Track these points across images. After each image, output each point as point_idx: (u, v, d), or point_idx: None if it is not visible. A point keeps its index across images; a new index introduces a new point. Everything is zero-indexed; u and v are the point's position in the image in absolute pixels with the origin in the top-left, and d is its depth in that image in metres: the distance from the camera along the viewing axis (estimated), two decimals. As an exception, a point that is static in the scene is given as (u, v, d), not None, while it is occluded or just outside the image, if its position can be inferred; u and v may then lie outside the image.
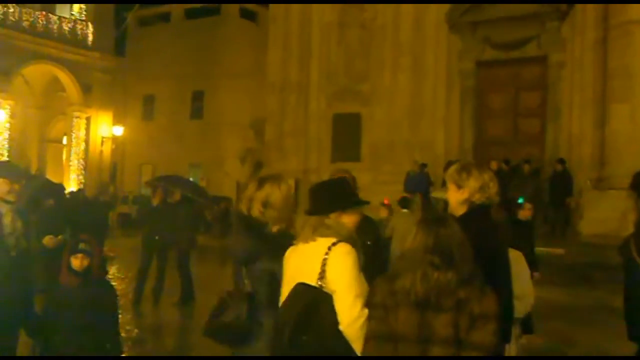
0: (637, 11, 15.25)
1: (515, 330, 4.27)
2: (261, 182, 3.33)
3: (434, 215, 2.84)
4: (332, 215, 2.98)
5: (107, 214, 15.73)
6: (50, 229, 6.15)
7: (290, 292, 2.85)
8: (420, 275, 2.60)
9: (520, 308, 4.14)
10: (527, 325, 7.52)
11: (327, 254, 2.83)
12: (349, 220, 3.03)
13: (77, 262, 4.45)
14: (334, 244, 2.85)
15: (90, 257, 4.49)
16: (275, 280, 3.07)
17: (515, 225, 7.69)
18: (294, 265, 2.97)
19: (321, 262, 2.82)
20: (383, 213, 11.02)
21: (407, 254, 2.71)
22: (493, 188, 3.27)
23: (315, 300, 2.79)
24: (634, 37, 15.37)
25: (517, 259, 4.33)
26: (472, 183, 3.24)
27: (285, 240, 3.12)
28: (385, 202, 11.54)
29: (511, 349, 4.14)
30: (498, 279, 2.97)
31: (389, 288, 2.70)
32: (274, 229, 3.24)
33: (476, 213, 3.23)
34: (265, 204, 3.25)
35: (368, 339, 2.76)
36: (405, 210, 10.98)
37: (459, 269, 2.60)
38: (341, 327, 2.78)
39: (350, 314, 2.76)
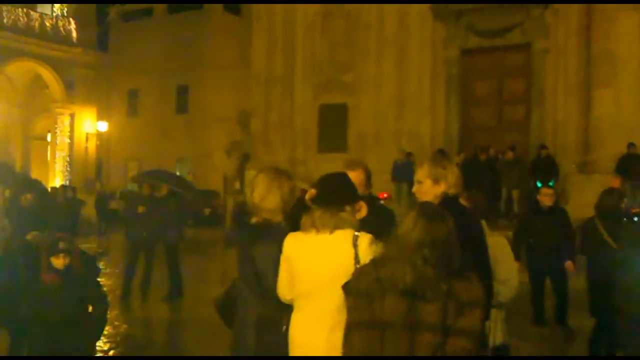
0: (619, -4, 15.34)
1: (501, 314, 4.29)
2: (265, 176, 3.51)
3: (434, 210, 2.84)
4: (347, 209, 3.21)
5: (78, 212, 15.57)
6: (32, 225, 5.99)
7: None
8: (410, 267, 2.61)
9: (505, 292, 4.16)
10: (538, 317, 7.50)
11: (355, 242, 3.05)
12: (352, 211, 3.26)
13: (59, 261, 4.44)
14: (357, 234, 3.09)
15: (71, 255, 4.48)
16: (254, 263, 3.37)
17: (536, 215, 7.50)
18: (313, 253, 3.14)
19: (353, 250, 3.03)
20: None
21: (399, 243, 2.70)
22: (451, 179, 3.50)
23: None
24: (617, 22, 15.45)
25: (500, 244, 4.36)
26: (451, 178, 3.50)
27: (262, 230, 3.38)
28: (385, 195, 11.54)
29: (497, 332, 4.16)
30: (479, 265, 3.06)
31: (374, 275, 2.71)
32: (253, 219, 3.44)
33: (447, 204, 3.28)
34: (260, 199, 3.45)
35: (351, 327, 2.76)
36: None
37: (449, 264, 2.63)
38: None
39: None
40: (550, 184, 8.47)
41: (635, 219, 5.23)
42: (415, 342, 2.59)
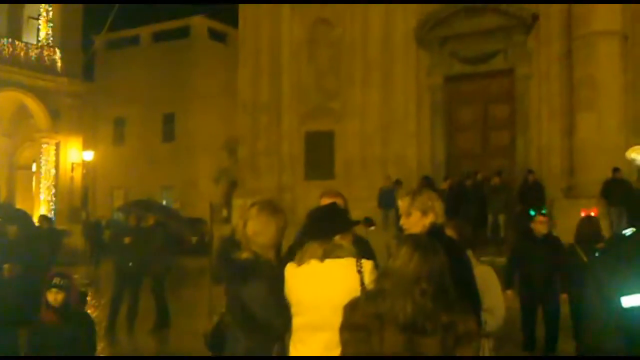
0: (599, 23, 15.62)
1: (489, 344, 4.27)
2: (261, 209, 3.45)
3: (427, 243, 2.84)
4: (336, 238, 3.20)
5: (58, 242, 15.23)
6: (10, 258, 5.79)
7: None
8: (410, 301, 2.59)
9: (492, 322, 4.15)
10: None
11: (360, 270, 3.07)
12: (348, 239, 3.28)
13: (51, 296, 4.36)
14: (359, 262, 3.11)
15: (66, 291, 4.36)
16: (243, 301, 3.30)
17: (530, 243, 7.31)
18: (316, 282, 3.12)
19: (358, 277, 3.06)
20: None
21: (395, 276, 2.69)
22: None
23: None
24: (597, 48, 15.71)
25: (486, 273, 4.36)
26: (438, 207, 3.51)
27: (251, 268, 3.31)
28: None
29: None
30: (468, 296, 3.07)
31: (371, 309, 2.67)
32: (243, 255, 3.35)
33: (434, 234, 3.28)
34: (254, 233, 3.39)
35: None
36: (372, 228, 11.03)
37: (446, 296, 2.63)
38: None
39: None
40: (544, 211, 8.37)
41: (597, 254, 5.28)
42: None
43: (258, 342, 3.33)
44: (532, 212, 7.82)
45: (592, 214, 7.82)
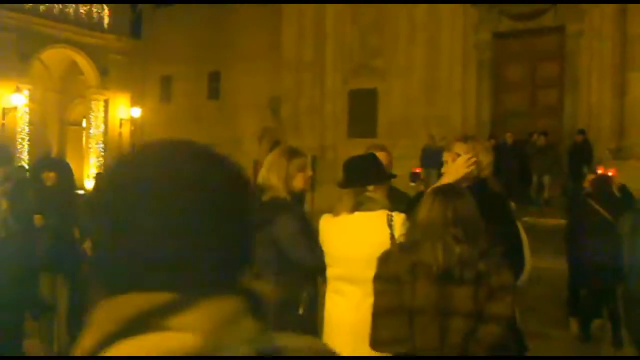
0: (657, -23, 14.95)
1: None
2: (277, 151, 3.58)
3: (450, 186, 2.80)
4: (370, 189, 3.23)
5: None
6: (45, 205, 5.41)
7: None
8: (441, 247, 2.57)
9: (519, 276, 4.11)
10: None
11: (391, 222, 3.08)
12: (382, 192, 3.30)
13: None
14: (391, 214, 3.12)
15: None
16: (274, 243, 3.32)
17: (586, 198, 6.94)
18: (347, 234, 3.15)
19: (388, 230, 3.07)
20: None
21: (423, 225, 2.67)
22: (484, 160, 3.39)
23: None
24: (654, 4, 15.08)
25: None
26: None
27: (274, 207, 3.36)
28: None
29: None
30: (511, 250, 3.01)
31: (405, 261, 2.67)
32: (266, 197, 3.44)
33: (478, 187, 3.22)
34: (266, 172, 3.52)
35: (379, 312, 2.73)
36: (412, 184, 10.92)
37: (478, 241, 2.59)
38: None
39: None
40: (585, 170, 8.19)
41: None
42: (446, 328, 2.57)
43: (287, 290, 3.37)
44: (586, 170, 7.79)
45: (610, 173, 7.64)
